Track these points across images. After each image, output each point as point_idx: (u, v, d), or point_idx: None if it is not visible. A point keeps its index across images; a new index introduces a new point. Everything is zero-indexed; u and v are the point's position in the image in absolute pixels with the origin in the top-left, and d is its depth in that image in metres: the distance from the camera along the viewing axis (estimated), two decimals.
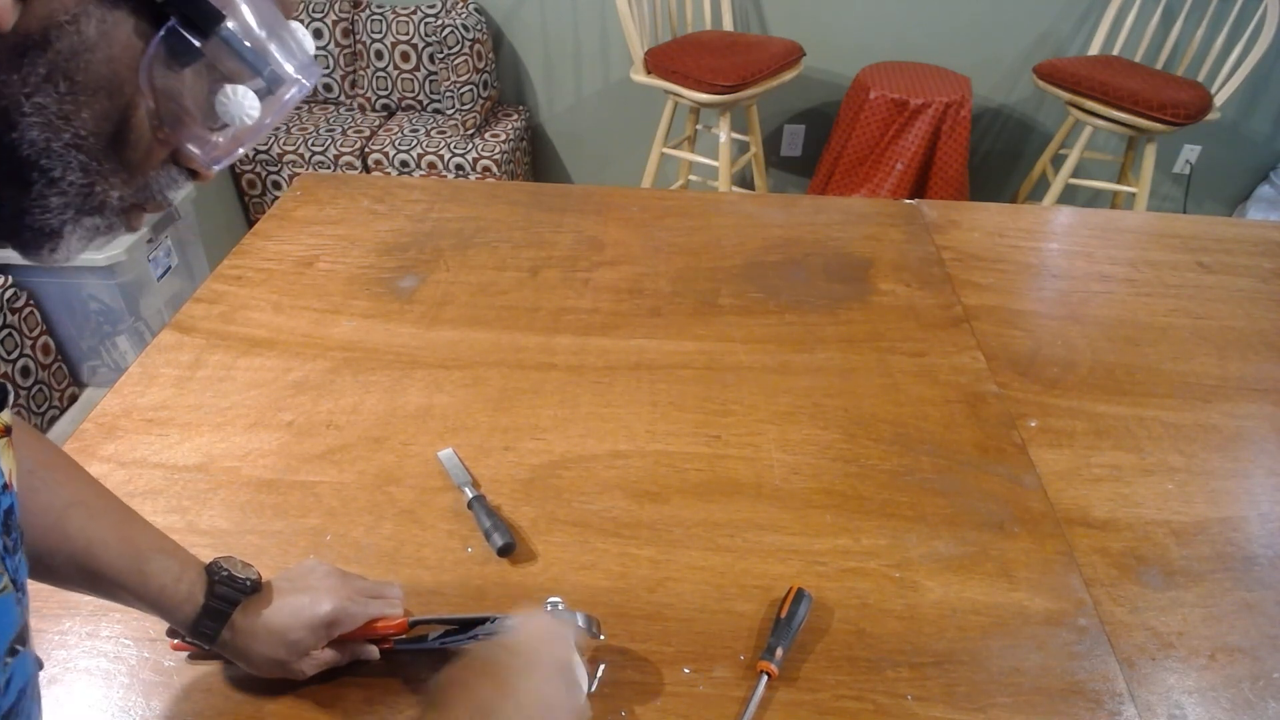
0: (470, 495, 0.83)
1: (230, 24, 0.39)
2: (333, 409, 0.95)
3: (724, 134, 2.56)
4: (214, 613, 0.61)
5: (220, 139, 0.42)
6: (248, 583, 0.63)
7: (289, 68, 0.42)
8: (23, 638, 0.43)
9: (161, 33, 0.37)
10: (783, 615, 0.71)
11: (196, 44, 0.38)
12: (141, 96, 0.38)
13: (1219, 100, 2.49)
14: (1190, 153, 3.03)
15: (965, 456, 0.91)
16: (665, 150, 2.69)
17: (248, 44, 0.40)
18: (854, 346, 1.07)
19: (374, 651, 0.68)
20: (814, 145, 3.10)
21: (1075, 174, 2.69)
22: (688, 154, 2.73)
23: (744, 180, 3.17)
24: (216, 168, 0.43)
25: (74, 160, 0.38)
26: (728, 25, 2.77)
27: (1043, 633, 0.74)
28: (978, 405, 0.98)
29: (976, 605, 0.76)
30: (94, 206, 0.40)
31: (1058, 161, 2.83)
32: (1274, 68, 2.79)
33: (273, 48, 0.41)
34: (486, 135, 2.81)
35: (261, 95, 0.41)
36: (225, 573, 0.63)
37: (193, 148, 0.42)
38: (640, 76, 2.53)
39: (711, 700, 0.68)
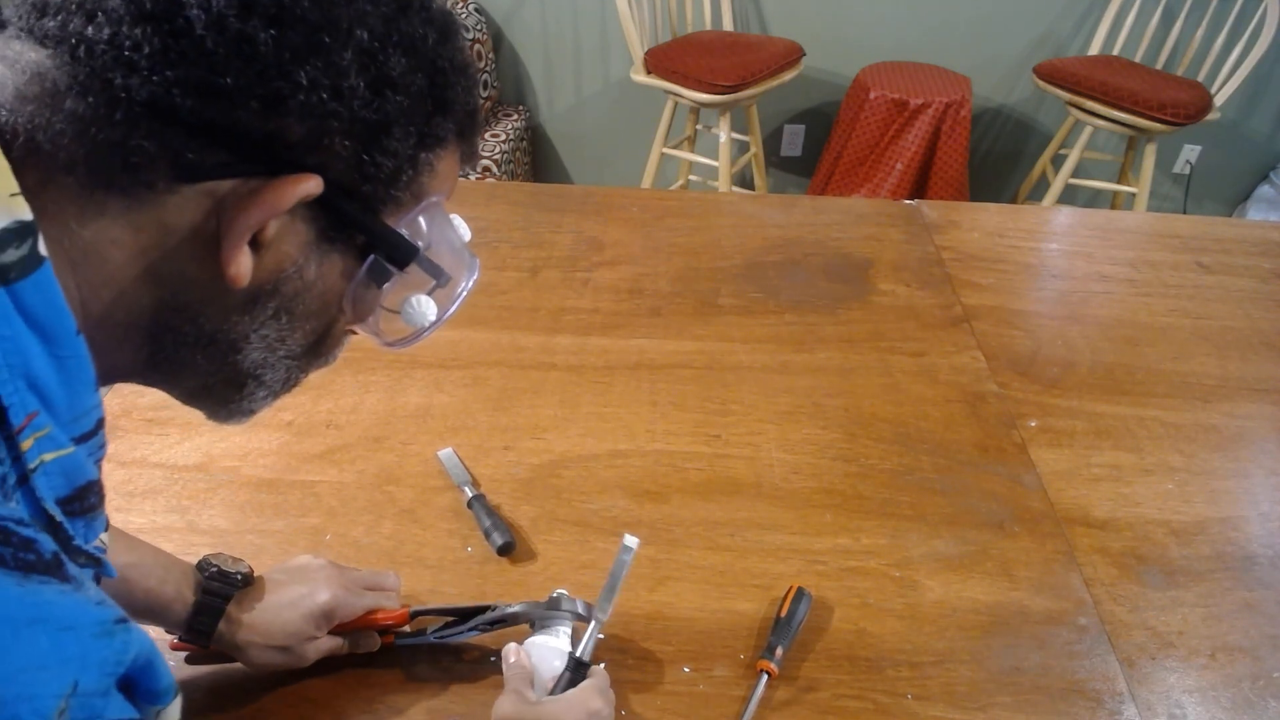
0: (470, 495, 0.83)
1: (422, 247, 0.43)
2: (333, 409, 0.95)
3: (724, 134, 2.56)
4: (208, 608, 0.62)
5: (403, 332, 0.47)
6: (238, 576, 0.64)
7: (463, 268, 0.47)
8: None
9: (366, 266, 0.41)
10: (783, 614, 0.71)
11: (395, 271, 0.42)
12: (342, 313, 0.43)
13: (1219, 100, 2.49)
14: (1190, 153, 3.03)
15: (965, 456, 0.91)
16: (665, 150, 2.69)
17: (434, 260, 0.44)
18: (854, 346, 1.07)
19: (374, 640, 0.68)
20: (814, 145, 3.10)
21: (1075, 174, 2.69)
22: (688, 154, 2.73)
23: (744, 180, 3.17)
24: (395, 350, 0.48)
25: (283, 366, 0.43)
26: (728, 25, 2.77)
27: (1043, 632, 0.74)
28: (978, 405, 0.98)
29: (976, 605, 0.76)
30: (289, 389, 0.46)
31: (1058, 161, 2.83)
32: (1274, 68, 2.79)
33: (444, 252, 0.45)
34: (486, 135, 2.81)
35: (435, 291, 0.45)
36: (215, 568, 0.64)
37: (378, 339, 0.47)
38: (640, 76, 2.53)
39: (711, 699, 0.68)
